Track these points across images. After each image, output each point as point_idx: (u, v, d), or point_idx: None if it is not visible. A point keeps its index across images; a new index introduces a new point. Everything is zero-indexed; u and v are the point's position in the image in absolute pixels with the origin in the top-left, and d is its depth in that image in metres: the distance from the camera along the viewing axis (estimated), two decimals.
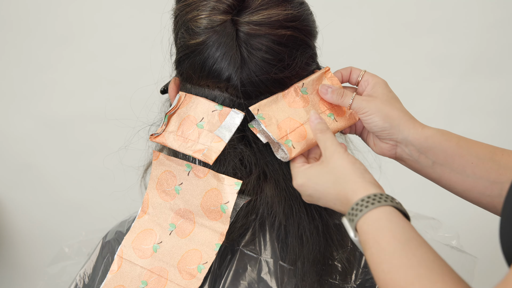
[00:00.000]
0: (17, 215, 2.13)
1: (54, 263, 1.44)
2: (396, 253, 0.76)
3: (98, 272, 1.05)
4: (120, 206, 1.51)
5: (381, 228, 0.79)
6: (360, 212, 0.81)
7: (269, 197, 0.97)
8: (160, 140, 0.97)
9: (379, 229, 0.79)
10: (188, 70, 0.95)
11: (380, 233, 0.78)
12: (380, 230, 0.79)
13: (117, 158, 1.18)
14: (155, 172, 0.99)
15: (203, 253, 0.95)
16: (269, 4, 0.93)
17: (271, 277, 0.97)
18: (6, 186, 2.10)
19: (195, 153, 0.94)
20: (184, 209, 0.97)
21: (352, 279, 0.99)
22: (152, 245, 0.99)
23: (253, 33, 0.92)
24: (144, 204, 1.00)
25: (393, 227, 0.78)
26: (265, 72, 0.93)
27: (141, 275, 0.98)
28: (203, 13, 0.92)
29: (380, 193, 0.82)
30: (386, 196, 0.82)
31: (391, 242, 0.77)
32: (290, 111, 0.96)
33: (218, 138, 0.94)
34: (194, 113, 0.96)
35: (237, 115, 0.93)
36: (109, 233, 1.09)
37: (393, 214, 0.80)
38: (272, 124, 0.94)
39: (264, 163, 0.96)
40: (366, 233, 0.80)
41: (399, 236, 0.77)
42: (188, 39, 0.94)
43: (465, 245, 1.31)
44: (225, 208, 0.94)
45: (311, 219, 0.97)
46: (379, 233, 0.78)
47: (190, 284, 0.95)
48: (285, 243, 0.98)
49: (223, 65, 0.92)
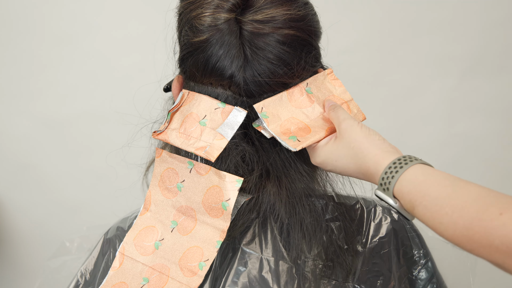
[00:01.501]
0: (16, 214, 2.13)
1: (54, 257, 1.44)
2: (451, 194, 0.77)
3: (99, 268, 1.05)
4: (121, 203, 1.51)
5: (423, 182, 0.80)
6: (392, 178, 0.82)
7: (271, 195, 0.97)
8: (162, 137, 0.98)
9: (421, 183, 0.80)
10: (192, 68, 0.96)
11: (425, 187, 0.79)
12: (423, 184, 0.80)
13: (119, 156, 1.19)
14: (157, 170, 0.99)
15: (204, 250, 0.95)
16: (273, 4, 0.93)
17: (272, 275, 0.97)
18: (6, 186, 2.10)
19: (197, 150, 0.94)
20: (185, 206, 0.98)
21: (353, 278, 1.00)
22: (154, 242, 0.99)
23: (256, 32, 0.92)
24: (146, 201, 1.01)
25: (434, 177, 0.80)
26: (268, 70, 0.93)
27: (142, 272, 0.98)
28: (207, 11, 0.93)
29: (403, 156, 0.84)
30: (409, 157, 0.83)
31: (441, 189, 0.78)
32: (294, 110, 0.96)
33: (221, 135, 0.94)
34: (196, 110, 0.96)
35: (240, 113, 0.94)
36: (111, 230, 1.09)
37: (425, 168, 0.81)
38: (275, 123, 0.94)
39: (267, 161, 0.97)
40: (409, 193, 0.81)
41: (445, 181, 0.79)
42: (192, 36, 0.94)
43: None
44: (226, 205, 0.94)
45: (313, 217, 0.97)
46: (424, 187, 0.80)
47: (191, 281, 0.95)
48: (287, 241, 0.98)
49: (226, 63, 0.92)
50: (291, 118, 0.96)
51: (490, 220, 0.73)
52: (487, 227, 0.73)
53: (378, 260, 1.01)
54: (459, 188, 0.78)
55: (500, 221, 0.72)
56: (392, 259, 1.01)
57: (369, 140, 0.87)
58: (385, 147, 0.86)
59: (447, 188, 0.78)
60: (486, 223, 0.73)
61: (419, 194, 0.80)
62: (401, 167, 0.82)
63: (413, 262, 1.03)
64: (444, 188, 0.78)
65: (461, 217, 0.76)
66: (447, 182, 0.79)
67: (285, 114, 0.96)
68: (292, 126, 0.96)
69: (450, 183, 0.79)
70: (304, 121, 0.97)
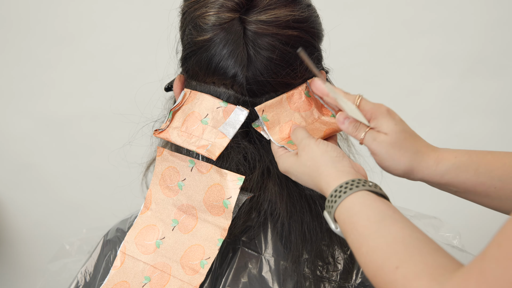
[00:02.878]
0: (17, 215, 2.13)
1: (55, 260, 1.43)
2: (372, 234, 0.75)
3: (99, 270, 1.05)
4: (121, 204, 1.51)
5: (356, 213, 0.78)
6: (335, 203, 0.81)
7: (272, 194, 0.97)
8: (164, 135, 0.98)
9: (354, 215, 0.78)
10: (195, 67, 0.96)
11: (355, 219, 0.77)
12: (355, 215, 0.78)
13: (120, 156, 1.18)
14: (158, 168, 0.99)
15: (205, 249, 0.95)
16: (277, 4, 0.94)
17: (272, 275, 0.97)
18: (6, 186, 2.10)
19: (198, 149, 0.94)
20: (187, 204, 0.98)
21: (353, 278, 1.00)
22: (155, 241, 0.99)
23: (260, 32, 0.92)
24: (147, 200, 1.01)
25: (367, 210, 0.77)
26: (270, 71, 0.93)
27: (144, 270, 0.98)
28: (211, 10, 0.93)
29: (352, 180, 0.81)
30: (358, 181, 0.81)
31: (366, 225, 0.76)
32: (293, 114, 0.97)
33: (222, 134, 0.94)
34: (198, 109, 0.96)
35: (242, 112, 0.94)
36: (110, 231, 1.09)
37: (367, 197, 0.79)
38: (275, 128, 0.95)
39: (268, 160, 0.97)
40: (344, 222, 0.79)
41: (373, 217, 0.76)
42: (196, 35, 0.94)
43: (466, 244, 1.31)
44: (227, 204, 0.94)
45: (314, 216, 0.97)
46: (355, 219, 0.78)
47: (193, 279, 0.95)
48: (288, 240, 0.98)
49: (230, 62, 0.92)
50: (290, 121, 0.96)
51: (388, 272, 0.70)
52: (386, 280, 0.71)
53: None
54: (383, 226, 0.75)
55: (395, 275, 0.69)
56: None
57: (325, 157, 0.86)
58: (340, 166, 0.84)
59: (372, 225, 0.76)
60: (386, 276, 0.71)
61: (350, 226, 0.78)
62: (344, 192, 0.80)
63: None
64: (370, 225, 0.76)
65: (371, 262, 0.74)
66: (377, 218, 0.76)
67: (284, 118, 0.96)
68: (291, 130, 0.96)
69: (379, 219, 0.76)
70: (301, 125, 0.97)
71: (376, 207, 0.78)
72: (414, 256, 0.70)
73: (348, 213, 0.79)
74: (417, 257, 0.70)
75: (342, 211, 0.80)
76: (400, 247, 0.72)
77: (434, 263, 0.68)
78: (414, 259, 0.70)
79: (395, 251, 0.71)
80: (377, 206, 0.78)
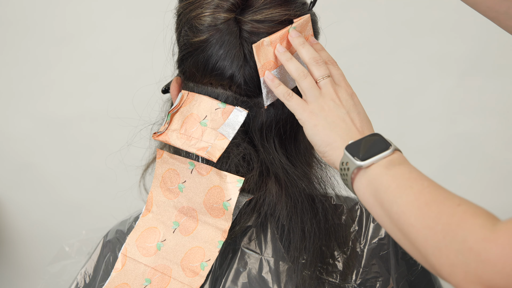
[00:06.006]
0: (17, 215, 2.13)
1: (54, 262, 1.43)
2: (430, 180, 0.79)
3: (99, 271, 1.05)
4: (120, 205, 1.51)
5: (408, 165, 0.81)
6: (347, 176, 0.84)
7: (272, 195, 0.97)
8: (163, 138, 0.97)
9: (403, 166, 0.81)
10: (191, 68, 0.96)
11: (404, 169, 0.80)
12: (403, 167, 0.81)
13: (118, 158, 1.18)
14: (158, 171, 0.99)
15: (206, 251, 0.96)
16: (272, 4, 0.93)
17: (271, 276, 0.97)
18: (6, 186, 2.10)
19: (198, 151, 0.94)
20: (187, 207, 0.98)
21: (352, 279, 1.00)
22: (156, 243, 0.99)
23: (256, 31, 0.92)
24: (148, 203, 1.01)
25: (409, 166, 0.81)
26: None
27: (144, 273, 0.98)
28: (207, 11, 0.93)
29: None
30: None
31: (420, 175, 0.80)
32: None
33: (222, 135, 0.94)
34: (197, 111, 0.96)
35: (241, 113, 0.94)
36: (110, 232, 1.09)
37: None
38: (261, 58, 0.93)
39: (267, 160, 0.97)
40: (394, 173, 0.81)
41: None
42: (192, 36, 0.94)
43: None
44: (227, 205, 0.94)
45: (314, 215, 0.97)
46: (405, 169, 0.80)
47: (193, 281, 0.95)
48: (287, 241, 0.98)
49: (226, 63, 0.92)
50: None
51: (450, 206, 0.75)
52: (447, 212, 0.74)
53: (377, 261, 1.01)
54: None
55: (456, 210, 0.73)
56: (391, 260, 1.02)
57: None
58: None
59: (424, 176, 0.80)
60: (447, 209, 0.74)
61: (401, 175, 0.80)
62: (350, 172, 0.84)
63: (412, 264, 1.03)
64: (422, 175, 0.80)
65: (433, 199, 0.76)
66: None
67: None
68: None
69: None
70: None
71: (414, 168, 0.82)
72: (471, 202, 0.75)
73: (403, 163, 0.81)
74: (473, 203, 0.75)
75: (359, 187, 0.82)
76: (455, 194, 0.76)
77: (486, 210, 0.73)
78: (472, 203, 0.74)
79: (453, 195, 0.76)
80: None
